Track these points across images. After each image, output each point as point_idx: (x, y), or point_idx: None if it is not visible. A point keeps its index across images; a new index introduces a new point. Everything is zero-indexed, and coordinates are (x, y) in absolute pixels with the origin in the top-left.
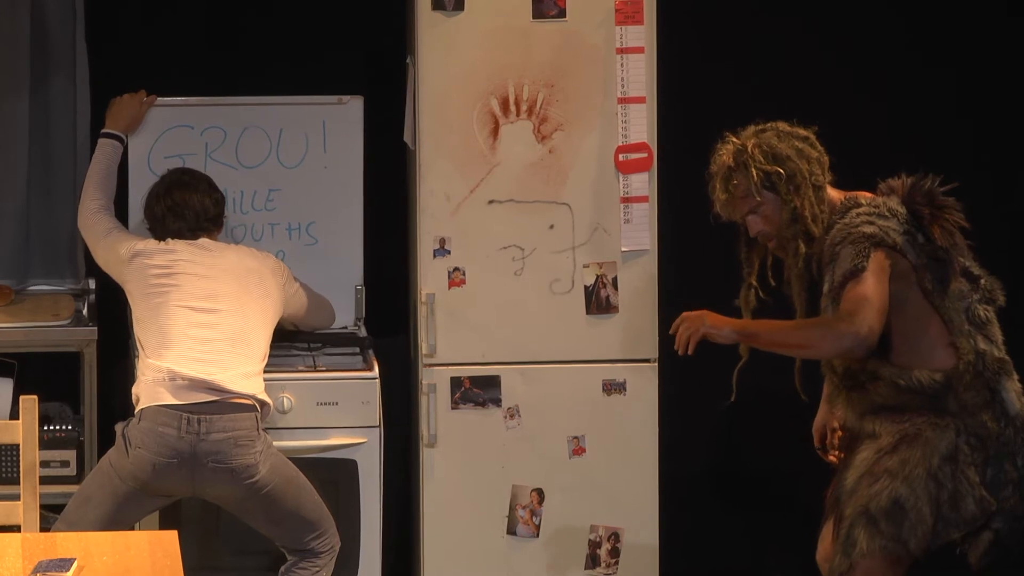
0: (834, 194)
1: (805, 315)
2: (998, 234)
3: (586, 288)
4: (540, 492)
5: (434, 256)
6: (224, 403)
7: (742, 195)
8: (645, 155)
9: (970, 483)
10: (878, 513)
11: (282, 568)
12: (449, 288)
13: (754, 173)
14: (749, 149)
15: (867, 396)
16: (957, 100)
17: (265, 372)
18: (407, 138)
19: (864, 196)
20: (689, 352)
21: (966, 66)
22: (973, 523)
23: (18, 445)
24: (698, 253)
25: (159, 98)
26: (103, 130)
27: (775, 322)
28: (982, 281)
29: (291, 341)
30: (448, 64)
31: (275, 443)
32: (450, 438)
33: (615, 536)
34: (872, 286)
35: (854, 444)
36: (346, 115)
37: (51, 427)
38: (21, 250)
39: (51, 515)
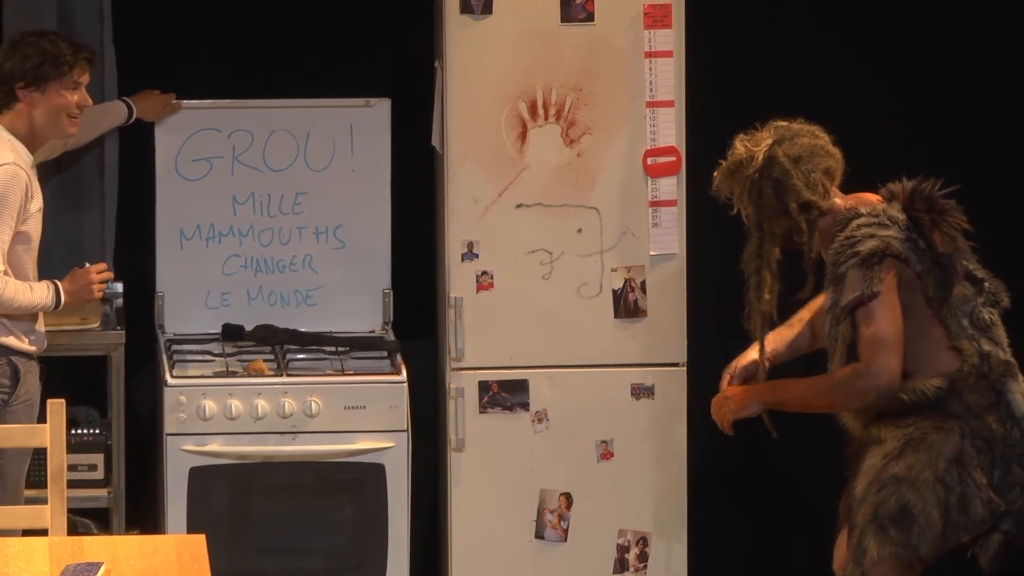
0: (840, 202)
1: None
2: (1010, 235)
3: (614, 292)
4: (568, 496)
5: (462, 260)
6: None
7: (736, 195)
8: (673, 159)
9: (977, 485)
10: (886, 520)
11: None
12: (477, 292)
13: (746, 202)
14: (748, 176)
15: (871, 406)
16: (980, 105)
17: (292, 376)
18: (435, 141)
19: (866, 202)
20: (730, 433)
21: (986, 71)
22: (982, 526)
23: (45, 449)
24: (726, 257)
25: (187, 100)
26: (124, 96)
27: (797, 384)
28: (986, 284)
29: (319, 345)
30: (476, 67)
31: (303, 447)
32: (478, 442)
33: (643, 540)
34: (884, 320)
35: (861, 452)
36: (373, 118)
37: (78, 431)
38: (48, 253)
39: (79, 519)
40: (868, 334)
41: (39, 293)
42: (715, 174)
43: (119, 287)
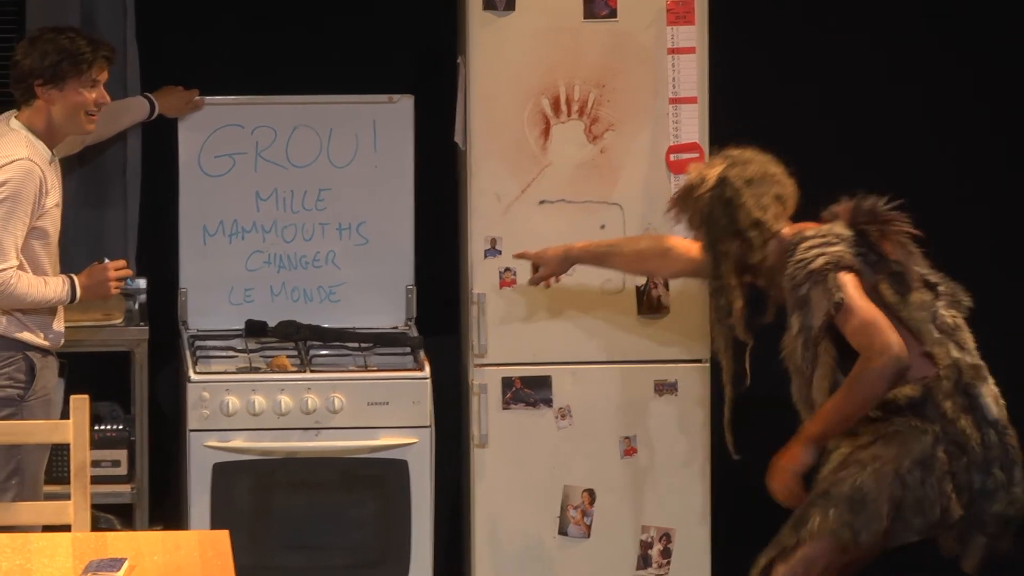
0: (787, 231)
1: (731, 366)
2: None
3: (637, 288)
4: (591, 492)
5: (485, 256)
6: None
7: (688, 218)
8: (696, 155)
9: (942, 493)
10: (838, 498)
11: None
12: (500, 288)
13: (698, 223)
14: (699, 197)
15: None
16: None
17: (315, 372)
18: (458, 138)
19: (810, 228)
20: (802, 501)
21: (1001, 72)
22: (931, 531)
23: (69, 445)
24: None
25: (210, 96)
26: (146, 92)
27: (825, 409)
28: (940, 288)
29: (342, 341)
30: (499, 64)
31: (327, 443)
32: (501, 438)
33: (667, 537)
34: (862, 310)
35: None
36: (396, 114)
37: (102, 427)
38: (70, 249)
39: (102, 515)
40: (855, 327)
41: (53, 287)
42: (668, 201)
43: (142, 283)
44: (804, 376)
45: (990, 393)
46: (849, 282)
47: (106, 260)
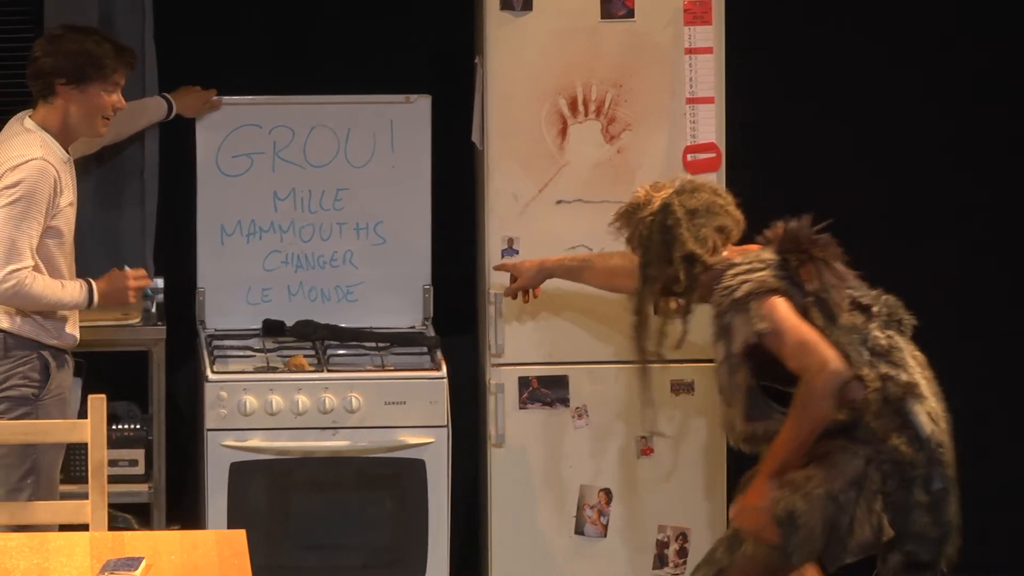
0: (724, 256)
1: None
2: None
3: None
4: (608, 492)
5: (502, 256)
6: None
7: (627, 236)
8: (713, 155)
9: (871, 511)
10: (770, 520)
11: None
12: None
13: (635, 243)
14: (641, 218)
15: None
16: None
17: (332, 371)
18: (475, 138)
19: (745, 252)
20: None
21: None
22: (867, 551)
23: (86, 444)
24: None
25: (228, 96)
26: (164, 92)
27: (779, 439)
28: (875, 308)
29: (359, 340)
30: (516, 64)
31: (344, 443)
32: (518, 438)
33: (683, 536)
34: (795, 329)
35: None
36: (414, 114)
37: (119, 426)
38: (88, 250)
39: (119, 514)
40: (791, 349)
41: (70, 291)
42: (613, 214)
43: (160, 283)
44: (727, 404)
45: (924, 411)
46: (779, 305)
47: (126, 267)
